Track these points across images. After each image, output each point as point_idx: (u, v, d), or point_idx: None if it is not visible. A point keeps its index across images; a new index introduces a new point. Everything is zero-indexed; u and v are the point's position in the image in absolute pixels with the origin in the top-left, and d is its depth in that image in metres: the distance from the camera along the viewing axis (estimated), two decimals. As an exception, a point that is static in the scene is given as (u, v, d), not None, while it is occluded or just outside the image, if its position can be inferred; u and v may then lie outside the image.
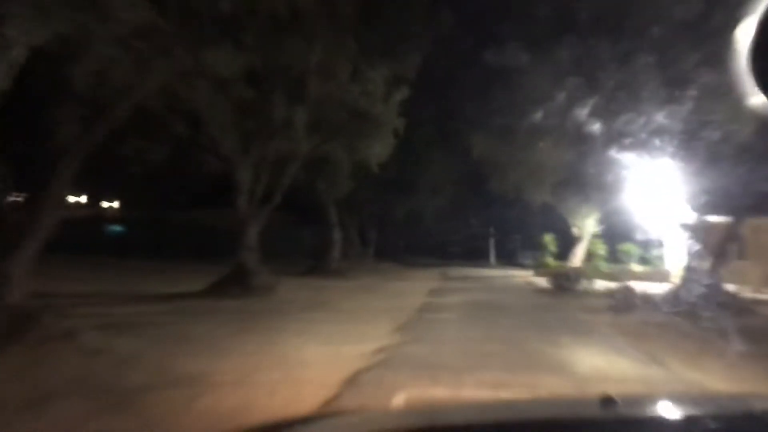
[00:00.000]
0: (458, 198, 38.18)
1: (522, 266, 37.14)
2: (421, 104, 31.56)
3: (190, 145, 17.13)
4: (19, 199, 12.97)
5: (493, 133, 28.40)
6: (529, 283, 23.08)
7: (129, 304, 13.09)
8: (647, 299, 15.43)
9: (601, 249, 26.23)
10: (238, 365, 6.67)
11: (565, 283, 19.04)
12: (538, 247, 42.44)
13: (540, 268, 27.00)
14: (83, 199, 41.21)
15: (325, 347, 7.90)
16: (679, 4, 14.88)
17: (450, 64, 28.89)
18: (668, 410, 1.99)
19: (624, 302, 14.94)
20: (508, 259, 41.78)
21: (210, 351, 7.50)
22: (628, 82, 20.85)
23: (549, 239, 27.86)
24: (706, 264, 15.46)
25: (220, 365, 6.61)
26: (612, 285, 18.41)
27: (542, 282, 22.27)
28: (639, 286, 17.91)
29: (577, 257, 30.47)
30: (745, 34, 1.95)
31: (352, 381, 5.95)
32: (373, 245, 35.88)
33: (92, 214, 40.17)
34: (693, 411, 1.99)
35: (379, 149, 18.15)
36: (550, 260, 27.24)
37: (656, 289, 16.61)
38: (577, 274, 19.29)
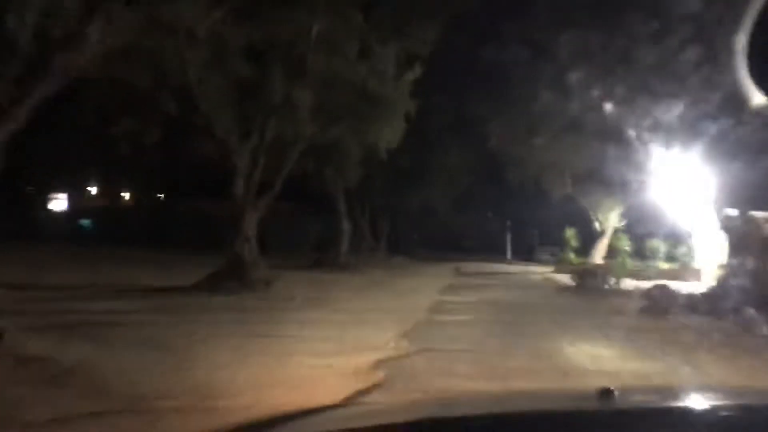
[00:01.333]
0: (474, 189, 36.67)
1: (540, 262, 35.57)
2: (436, 87, 29.96)
3: (185, 126, 15.87)
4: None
5: (512, 120, 26.97)
6: (549, 280, 21.58)
7: (109, 298, 11.86)
8: (683, 300, 13.92)
9: (626, 245, 24.62)
10: (199, 384, 5.33)
11: (590, 281, 17.53)
12: (557, 242, 40.89)
13: (561, 264, 25.47)
14: (94, 189, 40.44)
15: (315, 360, 6.53)
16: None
17: (467, 42, 27.38)
18: (666, 402, 1.99)
19: (659, 304, 13.45)
20: (525, 254, 40.17)
21: (173, 362, 6.17)
22: (662, 62, 19.34)
23: (570, 234, 26.32)
24: (749, 262, 13.91)
25: (176, 384, 5.27)
26: (640, 284, 17.00)
27: (564, 279, 20.76)
28: (670, 286, 16.46)
29: (599, 253, 28.93)
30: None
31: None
32: (385, 238, 34.47)
33: (105, 204, 39.36)
34: (691, 403, 1.94)
35: (389, 134, 16.71)
36: (572, 256, 25.67)
37: (689, 288, 15.12)
38: (604, 272, 17.76)
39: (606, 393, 1.62)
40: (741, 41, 13.41)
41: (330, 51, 14.80)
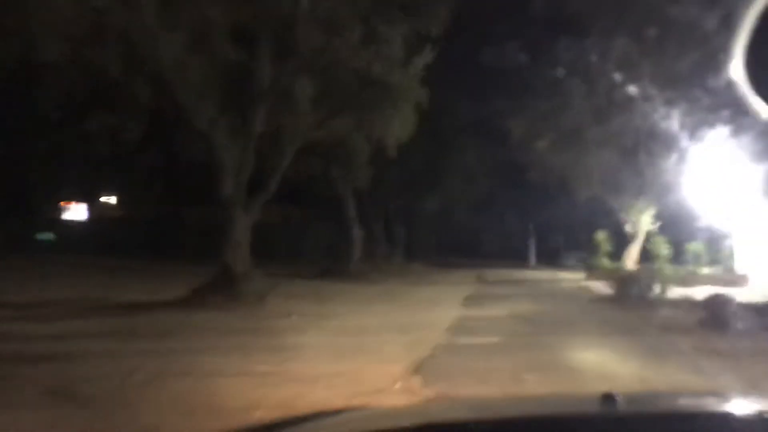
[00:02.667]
0: (494, 191, 34.63)
1: (566, 268, 33.27)
2: (451, 83, 28.18)
3: (168, 119, 14.15)
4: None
5: (535, 116, 24.95)
6: (583, 288, 19.43)
7: (72, 317, 10.18)
8: (743, 311, 11.79)
9: (665, 248, 22.38)
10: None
11: (631, 289, 15.38)
12: (583, 247, 38.71)
13: (593, 271, 23.27)
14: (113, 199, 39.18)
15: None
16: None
17: (484, 34, 25.47)
18: (669, 408, 1.96)
19: (718, 316, 11.34)
20: (549, 259, 37.85)
21: (79, 417, 4.28)
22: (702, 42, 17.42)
23: (602, 237, 24.11)
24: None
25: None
26: (686, 291, 14.90)
27: (600, 287, 18.62)
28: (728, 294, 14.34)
29: (631, 258, 26.70)
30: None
31: None
32: (402, 244, 32.47)
33: (122, 215, 38.05)
34: (693, 409, 1.95)
35: (398, 127, 14.76)
36: (605, 261, 23.46)
37: (739, 295, 13.01)
38: (648, 279, 15.59)
39: (609, 398, 1.60)
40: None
41: (329, 32, 12.96)
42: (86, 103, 13.27)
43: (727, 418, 1.73)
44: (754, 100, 2.06)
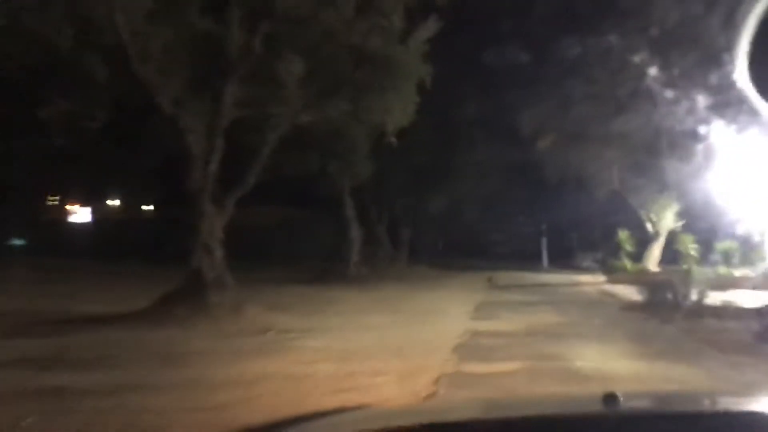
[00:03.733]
0: (504, 189, 32.64)
1: (581, 270, 31.27)
2: (459, 75, 26.29)
3: (137, 104, 12.39)
4: None
5: (549, 108, 23.08)
6: (605, 293, 17.47)
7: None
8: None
9: (693, 248, 20.40)
10: None
11: (664, 295, 13.44)
12: (598, 247, 36.71)
13: (615, 273, 21.33)
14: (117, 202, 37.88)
15: None
16: None
17: (495, 21, 23.55)
18: (671, 408, 1.97)
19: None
20: (563, 261, 35.75)
21: None
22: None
23: (625, 237, 22.19)
24: None
25: None
26: (725, 296, 13.04)
27: (625, 292, 16.67)
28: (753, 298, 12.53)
29: (653, 258, 24.78)
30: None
31: None
32: (407, 245, 30.55)
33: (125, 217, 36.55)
34: (695, 409, 1.94)
35: (399, 110, 12.87)
36: (627, 263, 21.51)
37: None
38: (683, 284, 13.62)
39: (611, 398, 1.59)
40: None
41: (318, 1, 11.16)
42: (36, 85, 11.53)
43: (730, 418, 1.70)
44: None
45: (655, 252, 24.94)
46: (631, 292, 16.29)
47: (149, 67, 10.20)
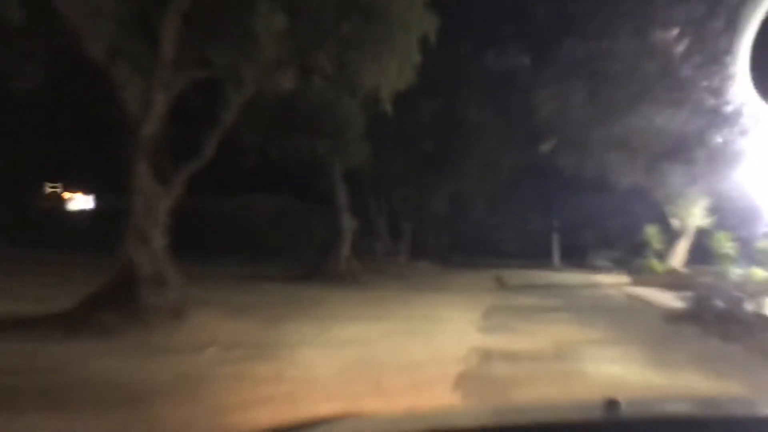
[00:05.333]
0: (515, 181, 30.25)
1: (596, 269, 28.88)
2: (467, 51, 23.94)
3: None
4: None
5: (570, 86, 20.69)
6: (633, 297, 15.06)
7: None
8: None
9: (730, 247, 17.97)
10: None
11: (712, 301, 11.04)
12: (614, 245, 34.29)
13: (641, 274, 18.93)
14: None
15: None
16: None
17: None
18: (672, 413, 1.96)
19: None
20: (576, 259, 33.25)
21: None
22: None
23: (653, 233, 19.76)
24: None
25: None
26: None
27: (654, 296, 14.33)
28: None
29: (679, 257, 22.34)
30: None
31: None
32: (408, 239, 28.19)
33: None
34: (697, 413, 1.95)
35: (395, 72, 10.48)
36: (655, 262, 19.11)
37: None
38: (739, 289, 11.21)
39: (613, 403, 1.59)
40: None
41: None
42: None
43: (732, 423, 1.70)
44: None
45: (681, 250, 22.54)
46: (664, 297, 13.95)
47: (77, 8, 7.92)
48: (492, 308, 11.78)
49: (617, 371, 6.36)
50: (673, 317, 11.01)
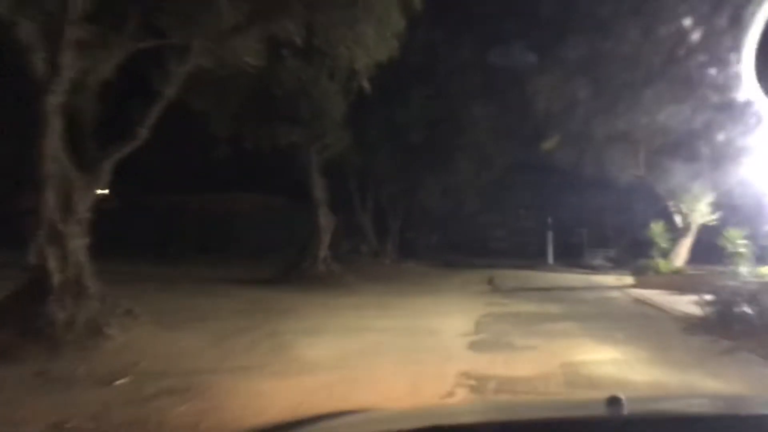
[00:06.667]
0: (508, 178, 28.81)
1: (592, 269, 27.53)
2: (460, 39, 22.37)
3: None
4: None
5: (569, 73, 19.25)
6: (641, 301, 13.57)
7: None
8: None
9: (743, 245, 16.54)
10: None
11: (739, 310, 9.56)
12: (609, 244, 33.01)
13: (645, 274, 17.47)
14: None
15: None
16: None
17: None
18: (675, 410, 1.96)
19: None
20: (570, 258, 31.85)
21: None
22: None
23: (659, 230, 18.31)
24: None
25: None
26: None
27: (663, 300, 12.87)
28: None
29: (681, 256, 20.94)
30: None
31: None
32: (395, 238, 26.64)
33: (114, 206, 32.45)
34: (699, 411, 1.94)
35: (373, 41, 8.92)
36: (661, 262, 17.66)
37: None
38: (759, 294, 9.73)
39: (615, 401, 1.59)
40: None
41: None
42: None
43: (733, 421, 1.70)
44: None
45: (683, 248, 21.15)
46: (675, 302, 12.48)
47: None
48: (485, 317, 10.25)
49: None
50: (693, 326, 9.51)
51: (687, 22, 15.58)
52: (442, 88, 22.04)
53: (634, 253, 23.79)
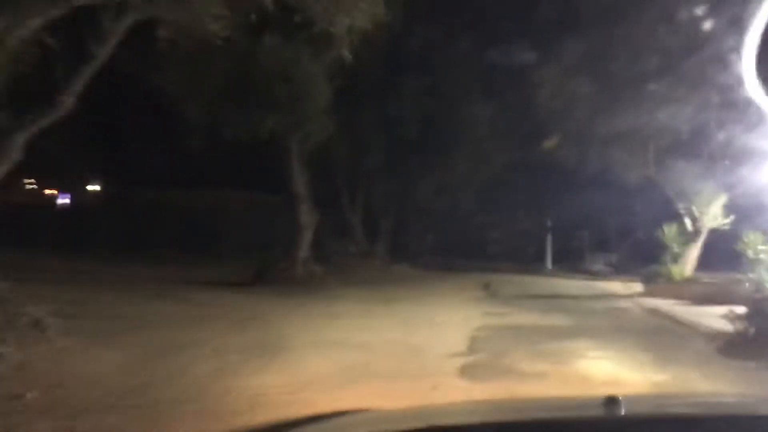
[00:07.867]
0: (505, 177, 27.47)
1: (592, 274, 26.25)
2: (456, 26, 21.03)
3: None
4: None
5: (575, 66, 17.97)
6: (656, 313, 12.14)
7: None
8: None
9: (764, 251, 15.22)
10: None
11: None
12: (611, 248, 31.83)
13: (656, 282, 16.10)
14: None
15: None
16: None
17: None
18: (672, 411, 1.94)
19: None
20: (569, 263, 30.44)
21: None
22: None
23: (672, 233, 16.95)
24: None
25: None
26: None
27: (681, 311, 11.49)
28: None
29: (690, 262, 19.63)
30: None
31: None
32: (387, 239, 25.22)
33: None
34: (697, 412, 1.92)
35: (354, 3, 7.48)
36: (674, 268, 16.29)
37: None
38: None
39: (612, 401, 1.56)
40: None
41: None
42: None
43: (732, 421, 1.70)
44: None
45: (693, 253, 19.85)
46: (695, 314, 11.10)
47: None
48: (482, 330, 8.81)
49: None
50: (729, 345, 8.10)
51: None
52: (438, 82, 20.73)
53: (637, 258, 22.63)
